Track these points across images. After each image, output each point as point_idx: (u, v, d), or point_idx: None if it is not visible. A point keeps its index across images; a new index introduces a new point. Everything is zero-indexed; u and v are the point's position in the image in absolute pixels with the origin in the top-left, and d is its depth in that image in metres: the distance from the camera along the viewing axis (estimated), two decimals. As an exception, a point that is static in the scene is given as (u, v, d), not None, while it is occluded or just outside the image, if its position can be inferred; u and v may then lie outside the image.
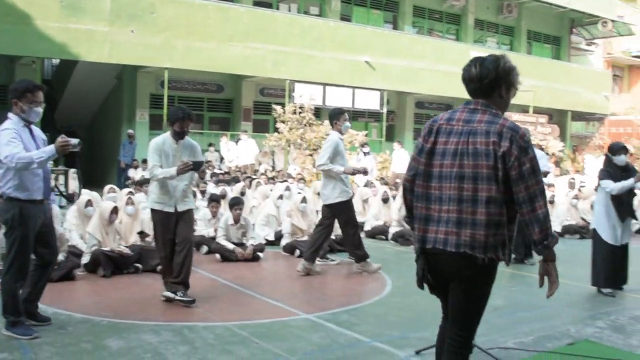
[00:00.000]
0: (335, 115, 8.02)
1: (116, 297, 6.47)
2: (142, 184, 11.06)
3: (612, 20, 29.39)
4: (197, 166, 6.20)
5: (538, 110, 25.00)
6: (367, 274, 7.94)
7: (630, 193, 7.25)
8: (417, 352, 4.77)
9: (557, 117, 28.63)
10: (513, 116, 21.50)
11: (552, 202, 13.30)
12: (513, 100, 12.44)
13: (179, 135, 6.24)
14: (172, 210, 6.19)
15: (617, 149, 7.28)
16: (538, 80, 26.14)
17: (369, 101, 21.75)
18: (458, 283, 3.18)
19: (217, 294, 6.66)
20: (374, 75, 21.51)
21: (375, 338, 5.17)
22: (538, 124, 22.46)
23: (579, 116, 30.45)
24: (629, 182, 7.02)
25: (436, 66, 23.10)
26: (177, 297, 6.13)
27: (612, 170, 7.20)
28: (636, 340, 5.40)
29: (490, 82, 3.24)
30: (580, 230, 12.30)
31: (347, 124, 8.08)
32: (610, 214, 7.18)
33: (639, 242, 10.08)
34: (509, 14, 27.54)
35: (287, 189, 11.02)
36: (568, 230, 12.38)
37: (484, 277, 3.18)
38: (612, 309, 6.50)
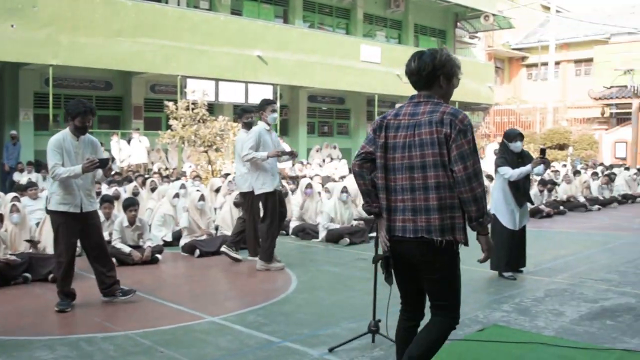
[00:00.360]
0: (262, 106, 7.95)
1: (3, 310, 5.97)
2: (26, 188, 10.41)
3: (494, 15, 30.53)
4: (103, 163, 5.88)
5: (428, 102, 25.58)
6: (271, 271, 7.77)
7: (526, 179, 7.43)
8: (331, 350, 4.63)
9: (447, 107, 29.39)
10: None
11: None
12: (401, 92, 12.80)
13: (80, 131, 5.93)
14: (78, 211, 5.88)
15: (513, 135, 7.43)
16: (426, 72, 26.82)
17: (262, 96, 21.36)
18: (424, 269, 3.35)
19: (115, 301, 6.26)
20: (267, 69, 21.29)
21: (286, 338, 4.99)
22: (428, 115, 22.91)
23: (465, 106, 31.42)
24: (526, 168, 7.19)
25: (328, 60, 23.15)
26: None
27: (509, 157, 7.35)
28: (542, 321, 5.49)
29: (428, 74, 3.37)
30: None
31: (274, 115, 7.98)
32: (508, 199, 7.34)
33: (533, 226, 10.42)
34: (397, 9, 28.04)
35: (183, 186, 10.64)
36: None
37: (447, 260, 3.34)
38: (515, 291, 6.63)
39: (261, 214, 8.08)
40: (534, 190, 12.94)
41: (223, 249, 8.39)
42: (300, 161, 21.07)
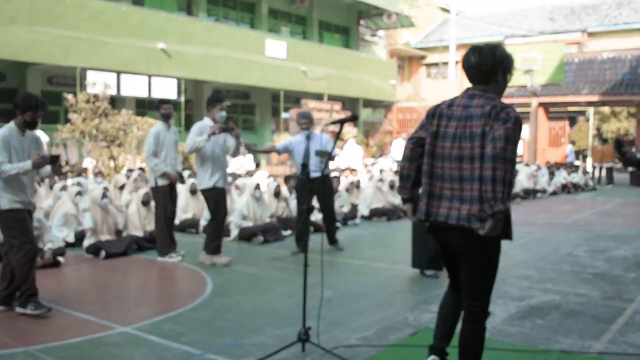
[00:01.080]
0: (211, 102, 7.79)
1: None
2: None
3: (396, 13, 30.88)
4: (54, 159, 5.59)
5: (332, 98, 25.55)
6: (216, 265, 7.62)
7: None
8: (259, 362, 4.29)
9: (349, 104, 29.48)
10: (309, 103, 21.68)
11: (357, 186, 13.52)
12: (307, 88, 12.67)
13: (29, 126, 5.58)
14: (31, 208, 5.72)
15: None
16: (331, 69, 26.77)
17: (166, 90, 20.72)
18: (463, 255, 3.52)
19: (12, 312, 5.63)
20: (170, 62, 20.54)
21: (207, 349, 4.59)
22: (333, 111, 22.83)
23: (368, 103, 31.69)
24: None
25: (232, 54, 22.65)
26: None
27: None
28: (465, 322, 5.37)
29: (489, 69, 3.49)
30: (387, 213, 12.56)
31: (223, 113, 7.78)
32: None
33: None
34: (301, 4, 27.82)
35: (79, 184, 9.94)
36: (375, 213, 12.57)
37: (486, 249, 3.45)
38: (440, 291, 6.45)
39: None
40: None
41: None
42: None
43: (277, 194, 10.90)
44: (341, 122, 4.58)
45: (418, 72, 41.48)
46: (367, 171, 15.55)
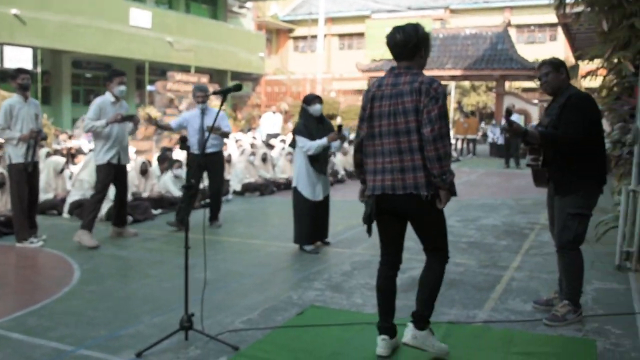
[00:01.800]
0: (109, 77, 7.64)
1: None
2: None
3: (265, -16, 30.48)
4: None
5: (199, 70, 24.87)
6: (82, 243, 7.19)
7: (326, 149, 7.21)
8: (139, 355, 3.93)
9: (217, 76, 28.85)
10: (176, 76, 20.96)
11: (229, 161, 13.15)
12: (173, 60, 12.38)
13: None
14: None
15: (311, 99, 7.26)
16: (198, 40, 26.05)
17: (20, 60, 19.24)
18: (415, 220, 3.87)
19: None
20: (25, 30, 19.09)
21: (79, 344, 4.16)
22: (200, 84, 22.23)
23: (236, 76, 31.17)
24: (323, 141, 7.02)
25: (94, 23, 21.45)
26: None
27: (309, 122, 7.14)
28: (359, 297, 5.28)
29: (413, 46, 3.77)
30: (260, 187, 12.34)
31: (121, 87, 7.56)
32: (309, 171, 7.12)
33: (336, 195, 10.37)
34: (167, -28, 26.81)
35: None
36: (248, 188, 12.30)
37: (434, 210, 3.77)
38: (321, 267, 6.38)
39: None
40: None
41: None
42: (65, 131, 19.30)
43: (143, 171, 10.31)
44: (224, 93, 4.28)
45: (286, 45, 41.38)
46: (237, 145, 15.13)
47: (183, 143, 8.52)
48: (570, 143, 4.51)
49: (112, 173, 7.58)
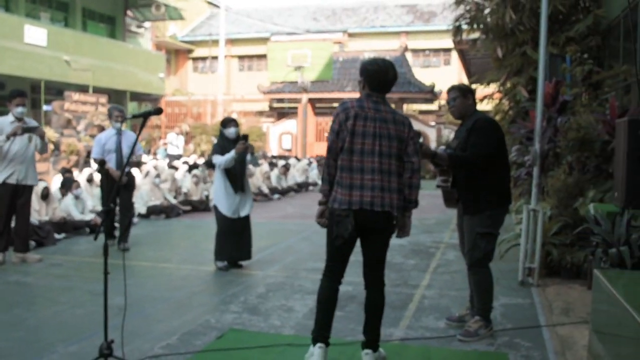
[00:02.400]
0: (9, 98, 7.34)
1: None
2: None
3: (165, 5, 30.09)
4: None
5: (98, 90, 24.23)
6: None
7: (242, 165, 7.37)
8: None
9: (115, 97, 28.17)
10: (73, 95, 20.40)
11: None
12: (70, 79, 12.25)
13: None
14: None
15: (227, 122, 7.49)
16: (96, 60, 25.39)
17: None
18: (379, 235, 4.15)
19: None
20: None
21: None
22: (99, 104, 21.67)
23: (136, 96, 30.58)
24: (231, 154, 7.15)
25: (-15, 39, 20.53)
26: None
27: (225, 144, 7.30)
28: (276, 319, 5.34)
29: (393, 83, 4.23)
30: (166, 210, 12.18)
31: (19, 109, 7.26)
32: (227, 188, 7.23)
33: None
34: (63, -11, 26.07)
35: None
36: (153, 210, 12.11)
37: (393, 229, 4.19)
38: (237, 289, 6.39)
39: None
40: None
41: None
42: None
43: (44, 195, 9.90)
44: (144, 116, 4.27)
45: (185, 65, 41.02)
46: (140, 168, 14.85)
47: (102, 165, 8.35)
48: (476, 164, 4.77)
49: (9, 194, 7.30)
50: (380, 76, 4.13)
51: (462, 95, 4.99)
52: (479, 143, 4.76)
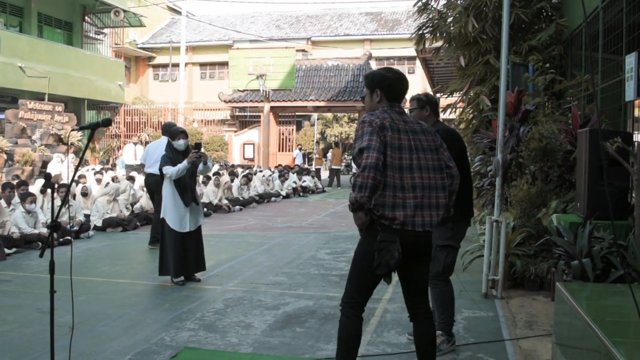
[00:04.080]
0: None
1: None
2: None
3: (125, 11, 29.63)
4: None
5: (54, 98, 23.69)
6: None
7: (193, 177, 7.25)
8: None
9: (72, 105, 27.63)
10: (28, 104, 19.91)
11: (86, 194, 12.55)
12: (24, 86, 12.12)
13: None
14: None
15: (176, 134, 7.26)
16: (52, 67, 24.89)
17: None
18: (425, 257, 3.79)
19: None
20: None
21: None
22: (55, 113, 21.19)
23: (94, 104, 30.04)
24: (183, 164, 6.99)
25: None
26: None
27: (174, 156, 7.14)
28: (234, 337, 5.13)
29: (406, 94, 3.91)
30: (123, 223, 11.86)
31: None
32: (177, 201, 7.05)
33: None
34: (18, -6, 25.50)
35: None
36: (110, 223, 11.77)
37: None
38: (193, 305, 6.17)
39: None
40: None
41: None
42: None
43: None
44: (93, 127, 4.05)
45: (145, 73, 40.55)
46: (96, 179, 14.40)
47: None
48: None
49: None
50: (399, 85, 3.80)
51: (419, 107, 4.90)
52: None
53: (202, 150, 7.03)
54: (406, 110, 4.30)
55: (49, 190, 11.42)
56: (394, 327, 5.45)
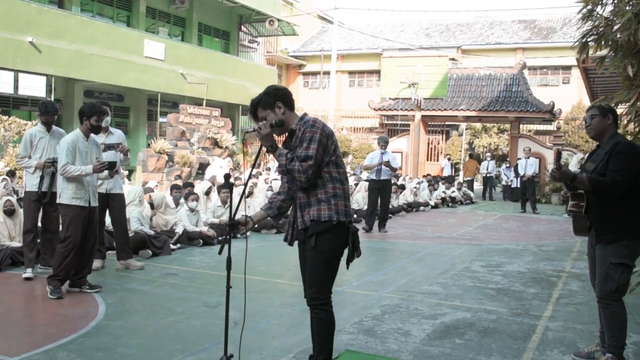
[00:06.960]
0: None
1: None
2: None
3: (279, 20, 30.61)
4: (112, 165, 6.62)
5: (211, 104, 24.87)
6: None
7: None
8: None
9: (227, 110, 28.89)
10: (188, 108, 20.98)
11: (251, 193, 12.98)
12: (185, 92, 12.54)
13: (94, 130, 6.64)
14: (86, 205, 6.54)
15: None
16: (210, 74, 26.10)
17: (34, 87, 19.30)
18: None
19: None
20: (40, 58, 19.12)
21: (115, 383, 4.04)
22: (212, 117, 22.21)
23: (247, 110, 31.14)
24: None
25: (108, 53, 21.47)
26: None
27: None
28: (393, 343, 5.10)
29: None
30: (277, 226, 12.17)
31: (108, 118, 7.79)
32: None
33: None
34: (181, 5, 26.98)
35: None
36: (265, 225, 12.12)
37: None
38: (350, 309, 6.20)
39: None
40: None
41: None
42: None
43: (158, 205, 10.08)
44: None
45: (296, 80, 41.58)
46: (252, 183, 14.94)
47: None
48: (618, 190, 4.41)
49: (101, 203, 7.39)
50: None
51: (601, 115, 4.64)
52: (620, 168, 4.40)
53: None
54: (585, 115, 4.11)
55: (212, 192, 12.01)
56: (557, 346, 5.20)
